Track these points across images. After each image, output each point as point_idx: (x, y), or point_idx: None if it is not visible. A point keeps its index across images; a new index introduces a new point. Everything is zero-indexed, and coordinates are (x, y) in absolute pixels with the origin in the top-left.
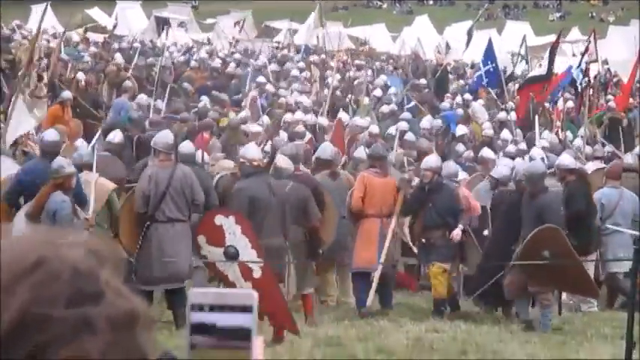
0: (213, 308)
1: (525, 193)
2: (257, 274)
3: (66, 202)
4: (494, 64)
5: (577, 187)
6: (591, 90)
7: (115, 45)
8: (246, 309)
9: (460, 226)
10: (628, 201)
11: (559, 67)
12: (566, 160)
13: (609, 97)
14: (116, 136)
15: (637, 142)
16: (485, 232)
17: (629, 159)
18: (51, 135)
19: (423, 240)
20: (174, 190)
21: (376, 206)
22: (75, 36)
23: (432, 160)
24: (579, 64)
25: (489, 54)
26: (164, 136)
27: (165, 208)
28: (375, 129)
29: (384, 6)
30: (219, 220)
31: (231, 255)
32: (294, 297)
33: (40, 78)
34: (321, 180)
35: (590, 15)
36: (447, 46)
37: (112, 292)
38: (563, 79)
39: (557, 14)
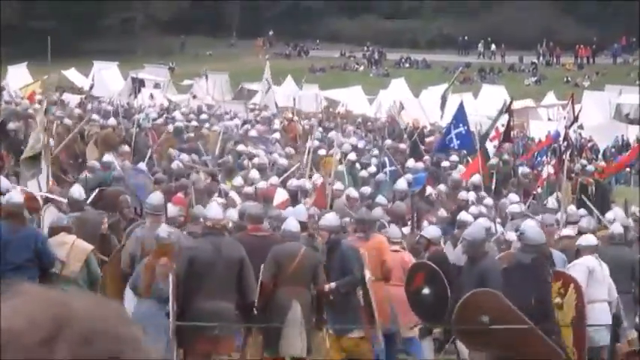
0: None
1: (466, 259)
2: None
3: None
4: (465, 127)
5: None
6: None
7: (89, 106)
8: None
9: (332, 285)
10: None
11: (535, 132)
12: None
13: (584, 161)
14: (80, 192)
15: (611, 206)
16: (425, 291)
17: (583, 223)
18: (17, 197)
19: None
20: None
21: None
22: (54, 97)
23: (327, 218)
24: (567, 129)
25: (460, 117)
26: (153, 198)
27: None
28: (353, 192)
29: (361, 69)
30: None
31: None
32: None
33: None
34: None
35: (565, 80)
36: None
37: (133, 346)
38: (549, 145)
39: (533, 79)
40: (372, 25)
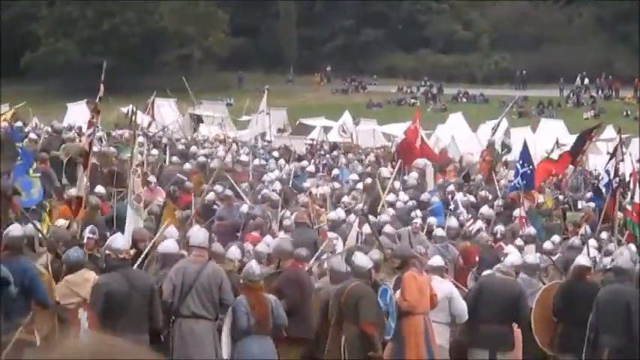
0: None
1: None
2: None
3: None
4: (530, 167)
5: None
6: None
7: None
8: None
9: None
10: None
11: (594, 165)
12: (582, 260)
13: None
14: None
15: None
16: None
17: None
18: (16, 230)
19: None
20: (200, 286)
21: (422, 304)
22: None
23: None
24: (606, 165)
25: (524, 156)
26: (198, 233)
27: (191, 302)
28: (388, 229)
29: (418, 104)
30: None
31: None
32: None
33: None
34: None
35: (624, 113)
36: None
37: None
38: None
39: (592, 112)
40: (429, 60)
